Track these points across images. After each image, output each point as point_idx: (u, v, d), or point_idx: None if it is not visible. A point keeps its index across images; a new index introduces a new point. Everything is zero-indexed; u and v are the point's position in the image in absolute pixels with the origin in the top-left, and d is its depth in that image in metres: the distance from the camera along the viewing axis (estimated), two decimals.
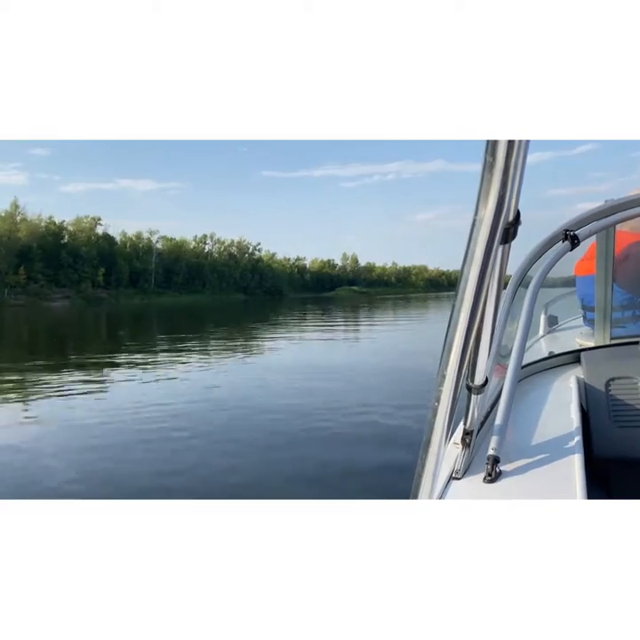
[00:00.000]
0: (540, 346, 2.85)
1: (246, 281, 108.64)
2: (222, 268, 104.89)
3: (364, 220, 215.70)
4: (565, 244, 1.40)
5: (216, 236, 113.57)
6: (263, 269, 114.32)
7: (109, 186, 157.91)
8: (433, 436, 0.93)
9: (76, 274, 78.39)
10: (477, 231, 0.72)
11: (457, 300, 0.80)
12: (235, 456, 5.41)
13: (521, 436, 1.25)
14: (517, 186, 0.70)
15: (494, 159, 0.64)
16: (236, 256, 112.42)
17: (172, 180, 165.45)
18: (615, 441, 1.46)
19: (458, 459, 1.11)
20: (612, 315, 2.27)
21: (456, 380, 0.86)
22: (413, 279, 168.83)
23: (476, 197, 0.70)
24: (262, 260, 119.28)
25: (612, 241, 2.13)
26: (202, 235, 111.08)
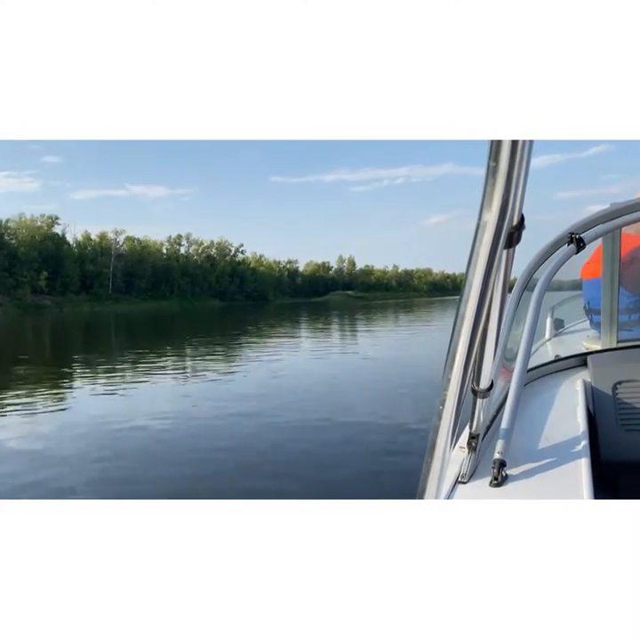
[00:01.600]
0: (546, 349, 2.87)
1: (224, 285, 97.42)
2: (195, 271, 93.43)
3: (373, 225, 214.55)
4: (571, 247, 1.42)
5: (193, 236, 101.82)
6: (244, 273, 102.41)
7: (121, 192, 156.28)
8: (438, 440, 0.93)
9: (11, 278, 66.90)
10: (481, 235, 0.72)
11: (461, 304, 0.81)
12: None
13: (527, 439, 1.25)
14: (521, 190, 0.70)
15: (497, 163, 0.65)
16: (214, 258, 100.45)
17: (184, 186, 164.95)
18: (622, 445, 1.45)
19: (464, 463, 1.12)
20: (619, 318, 2.26)
21: (461, 384, 0.86)
22: (416, 282, 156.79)
23: (480, 201, 0.70)
24: (244, 263, 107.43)
25: (617, 244, 2.13)
26: (176, 235, 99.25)
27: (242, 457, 5.62)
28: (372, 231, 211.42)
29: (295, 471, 5.15)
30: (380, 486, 4.60)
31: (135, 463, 5.55)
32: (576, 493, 0.97)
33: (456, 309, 0.82)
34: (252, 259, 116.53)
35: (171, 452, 5.88)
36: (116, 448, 6.06)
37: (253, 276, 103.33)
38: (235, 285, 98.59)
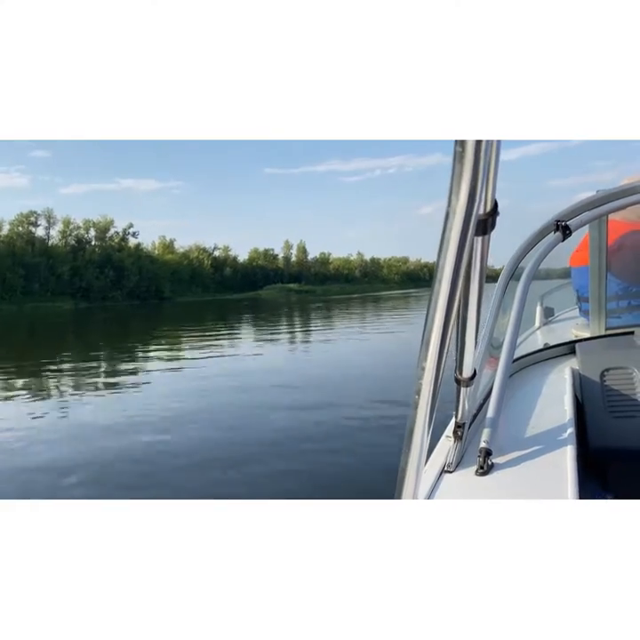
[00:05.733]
0: (535, 337, 2.85)
1: (86, 280, 68.69)
2: (33, 260, 63.74)
3: (366, 215, 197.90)
4: (557, 234, 1.43)
5: (67, 216, 71.76)
6: (123, 263, 73.13)
7: (111, 186, 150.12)
8: (415, 430, 0.91)
9: None
10: (451, 223, 0.70)
11: (433, 293, 0.79)
12: None
13: (514, 428, 1.25)
14: (493, 175, 0.71)
15: (463, 149, 0.63)
16: (85, 242, 70.44)
17: (175, 179, 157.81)
18: (611, 432, 1.43)
19: (450, 452, 1.12)
20: (607, 305, 2.26)
21: (436, 372, 0.84)
22: (385, 273, 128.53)
23: (449, 189, 0.68)
24: (140, 250, 77.87)
25: (604, 231, 2.13)
26: (28, 211, 69.08)
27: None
28: (365, 222, 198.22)
29: None
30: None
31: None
32: (562, 481, 0.99)
33: (428, 298, 0.80)
34: (160, 244, 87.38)
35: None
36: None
37: (136, 268, 74.44)
38: (107, 280, 70.51)
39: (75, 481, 4.97)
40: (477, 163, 0.63)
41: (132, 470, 5.29)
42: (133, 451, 5.86)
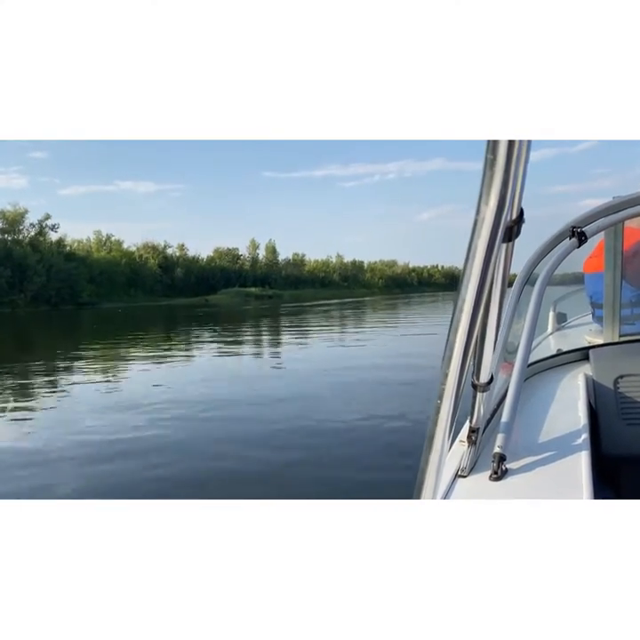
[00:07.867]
0: (548, 343, 2.85)
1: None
2: None
3: (364, 220, 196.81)
4: (572, 241, 1.41)
5: None
6: (24, 261, 59.15)
7: (110, 188, 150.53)
8: (436, 434, 0.91)
9: None
10: (479, 230, 0.72)
11: (459, 299, 0.80)
12: None
13: (528, 433, 1.25)
14: (520, 184, 0.71)
15: (495, 157, 0.65)
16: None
17: (173, 181, 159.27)
18: (624, 439, 1.44)
19: (464, 456, 1.12)
20: (621, 312, 2.25)
21: (458, 378, 0.85)
22: (367, 276, 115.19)
23: (478, 196, 0.69)
24: (61, 245, 63.86)
25: (620, 237, 2.12)
26: None
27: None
28: (364, 227, 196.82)
29: None
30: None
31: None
32: (576, 487, 0.99)
33: (454, 303, 0.81)
34: (96, 241, 73.54)
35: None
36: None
37: (40, 268, 60.08)
38: (1, 280, 56.02)
39: None
40: (508, 170, 0.64)
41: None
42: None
